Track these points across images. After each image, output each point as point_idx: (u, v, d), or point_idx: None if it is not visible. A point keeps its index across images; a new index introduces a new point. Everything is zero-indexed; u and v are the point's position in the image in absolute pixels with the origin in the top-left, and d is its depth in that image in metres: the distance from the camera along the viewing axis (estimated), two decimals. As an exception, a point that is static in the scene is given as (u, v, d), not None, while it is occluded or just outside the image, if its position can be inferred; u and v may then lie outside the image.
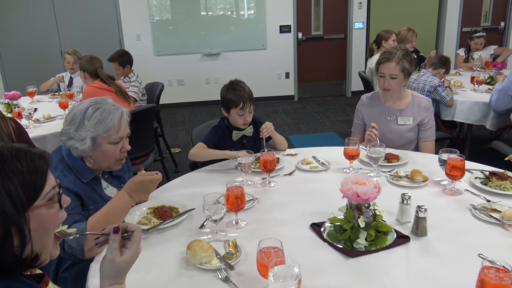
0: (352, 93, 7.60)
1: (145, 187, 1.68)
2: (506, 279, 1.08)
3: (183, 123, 6.43)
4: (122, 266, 1.12)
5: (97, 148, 1.69)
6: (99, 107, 1.69)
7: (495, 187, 1.90)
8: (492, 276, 1.09)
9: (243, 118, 2.38)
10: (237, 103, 2.33)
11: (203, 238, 1.59)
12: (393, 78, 2.44)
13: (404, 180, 2.04)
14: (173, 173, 4.37)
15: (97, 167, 1.75)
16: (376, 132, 2.36)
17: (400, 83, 2.47)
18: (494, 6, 7.64)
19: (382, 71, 2.47)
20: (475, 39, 5.28)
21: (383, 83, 2.48)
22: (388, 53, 2.47)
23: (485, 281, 1.10)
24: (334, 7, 7.29)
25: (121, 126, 1.72)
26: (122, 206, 1.64)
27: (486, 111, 3.67)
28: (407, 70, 2.44)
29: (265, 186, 2.08)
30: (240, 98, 2.32)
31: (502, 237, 1.56)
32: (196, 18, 6.98)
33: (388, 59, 2.44)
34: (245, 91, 2.35)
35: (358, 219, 1.51)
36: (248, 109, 2.35)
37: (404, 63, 2.42)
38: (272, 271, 1.16)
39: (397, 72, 2.43)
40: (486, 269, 1.12)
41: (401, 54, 2.44)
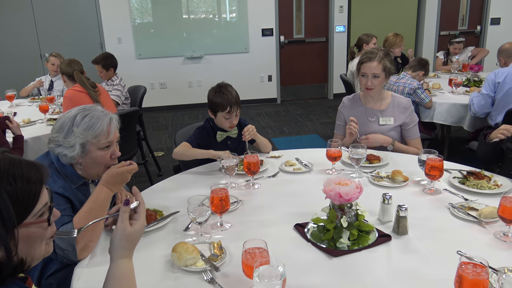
0: (334, 96, 7.68)
1: (122, 178, 1.67)
2: (483, 274, 1.12)
3: (166, 126, 6.40)
4: (133, 236, 1.18)
5: (87, 154, 1.68)
6: (87, 114, 1.69)
7: (472, 186, 1.96)
8: (469, 272, 1.13)
9: (229, 121, 2.39)
10: (224, 107, 2.34)
11: (188, 240, 1.60)
12: (375, 77, 2.49)
13: (385, 180, 2.08)
14: (157, 176, 4.35)
15: (87, 174, 1.74)
16: (355, 125, 2.42)
17: (382, 82, 2.53)
18: (470, 11, 7.84)
19: (365, 70, 2.52)
20: (454, 44, 5.40)
21: (365, 82, 2.53)
22: (369, 52, 2.53)
23: (463, 276, 1.13)
24: (315, 10, 7.37)
25: (111, 131, 1.72)
26: (103, 199, 1.64)
27: (464, 112, 3.76)
28: (388, 69, 2.50)
29: (249, 188, 2.10)
30: (228, 102, 2.33)
31: (479, 234, 1.61)
32: (178, 21, 6.97)
33: (370, 58, 2.49)
34: (232, 95, 2.36)
35: (341, 219, 1.53)
36: (235, 113, 2.37)
37: (385, 62, 2.48)
38: (257, 271, 1.17)
39: (379, 71, 2.48)
40: (464, 265, 1.15)
41: (382, 54, 2.49)
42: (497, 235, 1.58)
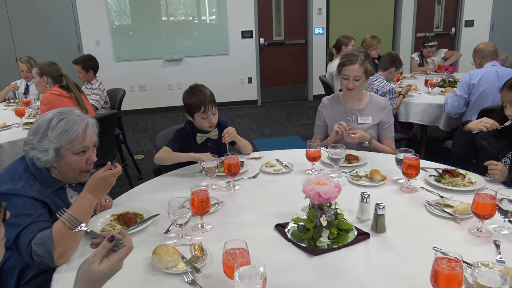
0: (314, 97, 7.75)
1: (106, 182, 1.65)
2: (457, 268, 1.15)
3: (145, 129, 6.34)
4: (95, 275, 1.09)
5: (62, 159, 1.65)
6: (63, 118, 1.65)
7: (447, 184, 2.01)
8: (444, 267, 1.16)
9: (207, 120, 2.39)
10: (199, 107, 2.34)
11: (168, 242, 1.59)
12: (356, 80, 2.53)
13: (364, 179, 2.12)
14: (137, 180, 4.31)
15: (63, 178, 1.71)
16: (345, 125, 2.47)
17: (363, 83, 2.58)
18: (445, 13, 8.02)
19: (346, 73, 2.55)
20: (427, 47, 5.52)
21: (346, 83, 2.56)
22: (351, 55, 2.56)
23: (438, 271, 1.16)
24: (295, 12, 7.43)
25: (86, 136, 1.68)
26: (86, 206, 1.61)
27: (439, 112, 3.85)
28: (369, 71, 2.55)
29: (230, 189, 2.10)
30: (201, 102, 2.34)
31: (455, 231, 1.65)
32: (157, 24, 6.92)
33: (352, 61, 2.53)
34: (205, 95, 2.36)
35: (321, 218, 1.55)
36: (211, 111, 2.37)
37: (366, 64, 2.52)
38: (238, 271, 1.18)
39: (361, 73, 2.52)
40: (439, 260, 1.18)
41: (363, 56, 2.53)
42: (471, 231, 1.62)
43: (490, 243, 1.54)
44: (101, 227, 1.73)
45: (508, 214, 1.57)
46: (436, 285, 1.18)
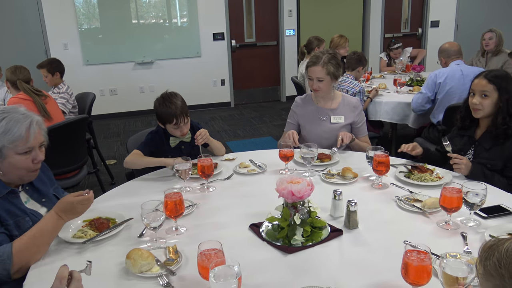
0: (286, 98, 7.81)
1: (73, 208, 1.57)
2: (426, 260, 1.19)
3: (117, 133, 6.25)
4: None
5: (5, 159, 1.59)
6: (5, 117, 1.58)
7: (416, 179, 2.07)
8: (414, 259, 1.20)
9: (179, 130, 2.38)
10: (170, 120, 2.32)
11: (142, 246, 1.58)
12: (320, 81, 2.57)
13: (336, 177, 2.15)
14: (109, 185, 4.23)
15: (8, 179, 1.64)
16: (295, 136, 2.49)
17: (328, 85, 2.60)
18: (412, 14, 8.24)
19: (310, 74, 2.59)
20: (393, 50, 5.65)
21: (311, 84, 2.61)
22: (315, 57, 2.60)
23: (409, 263, 1.20)
24: (266, 14, 7.47)
25: (30, 136, 1.61)
26: (50, 227, 1.55)
27: (408, 110, 3.95)
28: (332, 74, 2.57)
29: (204, 191, 2.10)
30: (172, 115, 2.30)
31: (424, 224, 1.70)
32: (127, 26, 6.83)
33: (314, 63, 2.57)
34: (177, 107, 2.30)
35: (294, 216, 1.57)
36: (182, 123, 2.35)
37: (329, 67, 2.55)
38: (213, 272, 1.18)
39: (323, 75, 2.55)
40: (409, 253, 1.22)
41: (327, 59, 2.56)
42: (439, 224, 1.68)
43: (458, 235, 1.59)
44: (73, 233, 1.69)
45: (474, 206, 1.63)
46: (406, 277, 1.21)
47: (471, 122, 2.28)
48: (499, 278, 0.69)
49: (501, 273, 0.69)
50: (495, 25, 5.24)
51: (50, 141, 1.77)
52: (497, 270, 0.69)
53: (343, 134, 2.49)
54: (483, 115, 2.18)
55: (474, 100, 2.18)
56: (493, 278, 0.70)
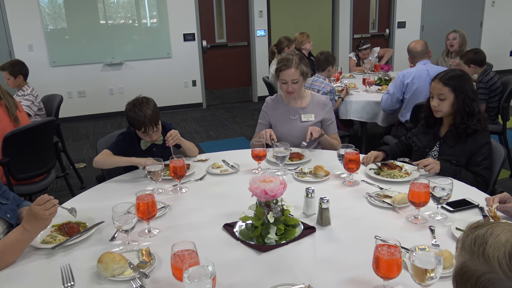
0: (258, 98, 7.82)
1: (34, 215, 1.50)
2: (396, 253, 1.22)
3: (87, 136, 6.11)
4: None
5: None
6: None
7: (386, 176, 2.12)
8: (384, 253, 1.23)
9: (148, 137, 2.35)
10: (139, 127, 2.28)
11: (114, 250, 1.55)
12: (294, 83, 2.59)
13: (308, 176, 2.18)
14: (79, 189, 4.13)
15: None
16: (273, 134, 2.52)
17: (301, 84, 2.63)
18: (379, 15, 8.42)
19: (284, 77, 2.59)
20: (362, 51, 5.77)
21: (286, 88, 2.61)
22: (286, 60, 2.60)
23: (379, 257, 1.23)
24: (236, 15, 7.47)
25: None
26: (13, 240, 1.50)
27: (377, 109, 4.04)
28: (305, 73, 2.61)
29: (177, 192, 2.08)
30: (141, 124, 2.25)
31: (394, 219, 1.74)
32: (95, 27, 6.68)
33: (287, 66, 2.57)
34: (146, 116, 2.24)
35: (268, 215, 1.58)
36: (151, 131, 2.31)
37: (302, 67, 2.58)
38: (187, 273, 1.17)
39: (297, 76, 2.57)
40: (379, 247, 1.25)
41: (298, 59, 2.59)
42: (408, 219, 1.72)
43: (426, 229, 1.64)
44: (41, 239, 1.64)
45: (441, 200, 1.69)
46: (377, 270, 1.24)
47: (435, 121, 2.35)
48: (470, 254, 0.74)
49: (473, 250, 0.74)
50: (458, 26, 5.42)
51: (16, 145, 1.71)
52: (471, 247, 0.75)
53: (312, 128, 2.52)
54: (443, 115, 2.26)
55: (433, 103, 2.27)
56: (466, 253, 0.75)
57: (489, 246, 0.73)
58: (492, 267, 0.70)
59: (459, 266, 0.77)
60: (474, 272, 0.73)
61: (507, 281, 0.68)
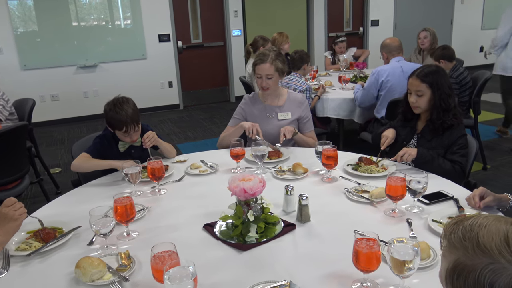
0: (236, 98, 7.82)
1: (4, 218, 1.47)
2: (375, 246, 1.24)
3: (61, 141, 5.98)
4: None
5: None
6: None
7: (363, 171, 2.15)
8: (363, 246, 1.25)
9: (129, 137, 2.32)
10: (120, 127, 2.25)
11: (93, 254, 1.52)
12: (269, 78, 2.60)
13: (287, 173, 2.19)
14: (55, 194, 4.04)
15: None
16: (258, 128, 2.51)
17: (276, 81, 2.64)
18: (353, 14, 8.54)
19: (259, 72, 2.61)
20: (338, 43, 5.84)
21: (260, 83, 2.63)
22: (262, 54, 2.63)
23: (359, 251, 1.24)
24: (211, 15, 7.44)
25: None
26: None
27: (353, 106, 4.09)
28: (280, 69, 2.62)
29: (155, 194, 2.06)
30: (122, 123, 2.23)
31: (372, 213, 1.77)
32: (67, 29, 6.55)
33: (262, 60, 2.59)
34: (128, 114, 2.23)
35: (248, 213, 1.58)
36: (132, 131, 2.29)
37: (277, 63, 2.59)
38: (168, 274, 1.16)
39: (272, 71, 2.59)
40: (358, 241, 1.27)
41: (274, 55, 2.60)
42: (386, 212, 1.75)
43: (403, 222, 1.67)
44: (16, 246, 1.60)
45: (417, 193, 1.72)
46: (357, 264, 1.26)
47: (412, 115, 2.40)
48: (463, 250, 0.73)
49: (465, 245, 0.72)
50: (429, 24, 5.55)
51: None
52: (461, 242, 0.73)
53: (284, 129, 2.53)
54: (421, 111, 2.31)
55: (411, 99, 2.32)
56: (456, 250, 0.74)
57: (482, 237, 0.71)
58: (493, 257, 0.69)
59: (452, 265, 0.74)
60: (473, 267, 0.70)
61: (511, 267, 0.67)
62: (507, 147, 4.74)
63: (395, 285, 1.28)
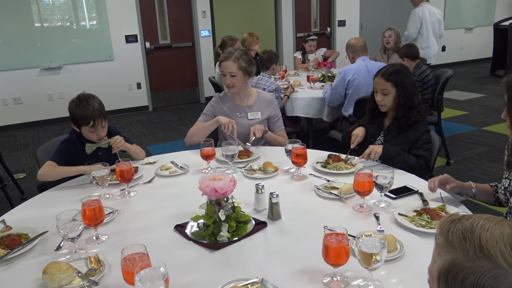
0: (205, 99, 7.79)
1: None
2: (343, 241, 1.27)
3: (25, 145, 5.79)
4: None
5: None
6: None
7: (332, 168, 2.19)
8: (333, 241, 1.27)
9: (96, 134, 2.28)
10: (87, 121, 2.21)
11: (61, 259, 1.49)
12: (232, 76, 2.61)
13: (258, 172, 2.20)
14: (19, 200, 3.91)
15: None
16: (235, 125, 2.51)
17: (241, 80, 2.65)
18: (320, 14, 8.66)
19: (223, 69, 2.63)
20: (309, 41, 5.92)
21: (224, 80, 2.64)
22: (227, 52, 2.65)
23: (328, 246, 1.27)
24: (179, 16, 7.38)
25: None
26: None
27: (322, 105, 4.15)
28: (244, 68, 2.62)
29: (125, 196, 2.03)
30: (90, 117, 2.20)
31: (341, 209, 1.80)
32: (30, 30, 6.34)
33: (226, 58, 2.61)
34: (95, 108, 2.22)
35: (219, 213, 1.59)
36: (100, 125, 2.26)
37: (241, 62, 2.60)
38: (139, 276, 1.16)
39: (235, 70, 2.60)
40: (328, 236, 1.29)
41: (239, 54, 2.61)
42: (355, 208, 1.79)
43: (371, 216, 1.71)
44: (-21, 254, 1.55)
45: (384, 188, 1.77)
46: (327, 258, 1.28)
47: (379, 113, 2.46)
48: (463, 251, 0.69)
49: (465, 246, 0.69)
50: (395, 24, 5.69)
51: None
52: (461, 243, 0.70)
53: (254, 128, 2.55)
54: (387, 109, 2.38)
55: (377, 98, 2.38)
56: (455, 249, 0.70)
57: (485, 240, 0.68)
58: (496, 262, 0.66)
59: (448, 264, 0.71)
60: (473, 270, 0.67)
61: None
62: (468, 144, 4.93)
63: (363, 277, 1.32)
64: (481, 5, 10.21)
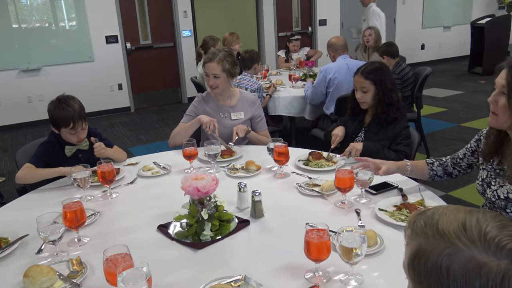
0: (188, 99, 7.76)
1: None
2: (324, 236, 1.29)
3: (4, 149, 5.68)
4: None
5: None
6: None
7: (314, 166, 2.21)
8: (314, 237, 1.29)
9: (76, 136, 2.25)
10: (67, 123, 2.19)
11: (42, 262, 1.48)
12: (216, 77, 2.61)
13: (240, 171, 2.21)
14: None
15: None
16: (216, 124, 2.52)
17: (224, 82, 2.65)
18: (301, 14, 8.71)
19: (207, 70, 2.63)
20: (293, 41, 5.95)
21: (208, 81, 2.64)
22: (211, 53, 2.64)
23: (310, 241, 1.29)
24: (160, 16, 7.34)
25: None
26: None
27: (304, 104, 4.18)
28: (228, 70, 2.63)
29: (107, 198, 2.02)
30: (69, 118, 2.18)
31: (323, 206, 1.83)
32: (7, 31, 6.22)
33: (211, 59, 2.61)
34: (75, 110, 2.20)
35: (202, 212, 1.59)
36: (80, 127, 2.23)
37: (225, 63, 2.60)
38: (121, 276, 1.15)
39: (219, 71, 2.60)
40: (309, 232, 1.31)
41: (223, 55, 2.61)
42: (336, 204, 1.82)
43: (352, 212, 1.74)
44: (-43, 260, 1.52)
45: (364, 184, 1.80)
46: (309, 254, 1.30)
47: (360, 110, 2.50)
48: (424, 236, 0.76)
49: (425, 231, 0.76)
50: (373, 23, 5.76)
51: None
52: (422, 229, 0.77)
53: (237, 128, 2.56)
54: (368, 106, 2.43)
55: (357, 96, 2.43)
56: (418, 237, 0.77)
57: (442, 223, 0.75)
58: (450, 241, 0.72)
59: (414, 251, 0.77)
60: (432, 251, 0.74)
61: (467, 250, 0.71)
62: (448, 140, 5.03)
63: (345, 272, 1.34)
64: (459, 4, 10.41)
